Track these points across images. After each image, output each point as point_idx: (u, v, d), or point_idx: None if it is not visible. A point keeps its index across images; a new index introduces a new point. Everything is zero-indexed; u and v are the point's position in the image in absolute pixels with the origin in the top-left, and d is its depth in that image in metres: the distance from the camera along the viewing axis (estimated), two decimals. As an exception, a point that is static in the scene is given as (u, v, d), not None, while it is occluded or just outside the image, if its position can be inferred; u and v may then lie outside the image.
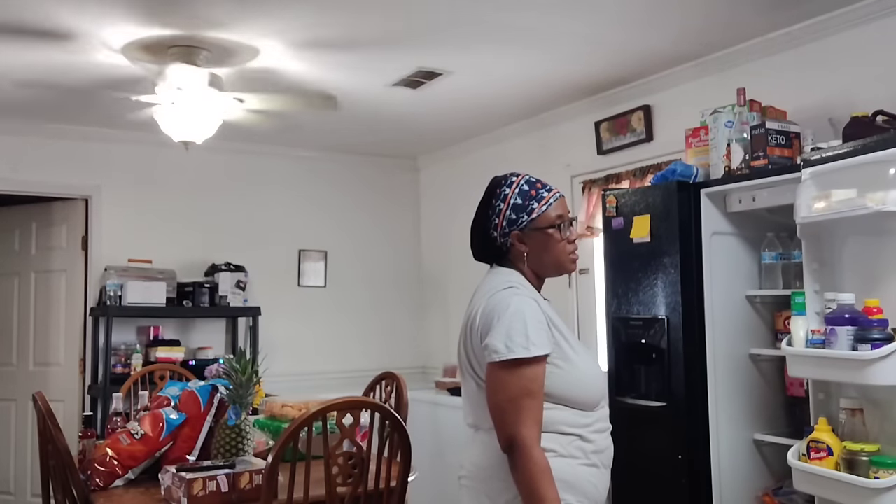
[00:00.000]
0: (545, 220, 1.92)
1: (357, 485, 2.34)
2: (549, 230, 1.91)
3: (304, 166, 5.87)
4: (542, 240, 1.91)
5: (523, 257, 1.92)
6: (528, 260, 1.92)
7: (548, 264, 1.94)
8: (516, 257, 1.93)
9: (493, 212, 1.94)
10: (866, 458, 2.36)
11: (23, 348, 5.33)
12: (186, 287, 5.17)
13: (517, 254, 1.92)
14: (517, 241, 1.91)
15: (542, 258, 1.92)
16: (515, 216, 1.91)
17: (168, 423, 2.76)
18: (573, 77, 4.21)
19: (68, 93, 4.27)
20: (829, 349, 2.45)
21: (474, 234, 2.00)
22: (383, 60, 3.89)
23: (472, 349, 1.88)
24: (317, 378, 5.52)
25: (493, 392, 1.78)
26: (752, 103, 3.30)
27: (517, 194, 1.94)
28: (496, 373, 1.77)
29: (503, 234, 1.92)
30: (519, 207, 1.92)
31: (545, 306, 1.89)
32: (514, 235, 1.91)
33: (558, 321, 1.88)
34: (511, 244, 1.92)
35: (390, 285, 6.14)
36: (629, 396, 3.50)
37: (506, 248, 1.93)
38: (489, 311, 1.83)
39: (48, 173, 5.04)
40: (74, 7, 3.17)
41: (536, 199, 1.93)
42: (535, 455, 1.72)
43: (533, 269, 1.94)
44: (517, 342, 1.75)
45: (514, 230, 1.91)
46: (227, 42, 3.57)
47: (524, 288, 1.89)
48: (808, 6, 3.27)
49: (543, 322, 1.82)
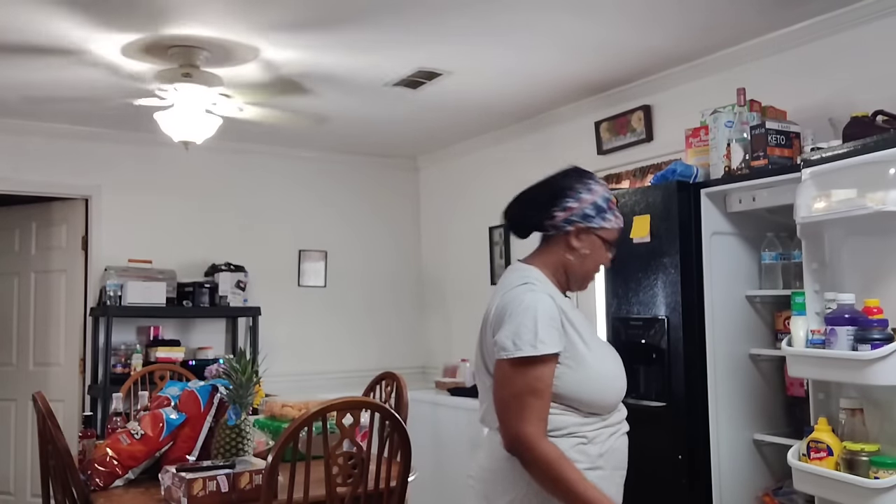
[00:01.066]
0: (608, 234, 1.94)
1: (357, 485, 2.34)
2: (605, 244, 1.94)
3: (304, 166, 5.87)
4: (594, 248, 1.93)
5: (569, 251, 1.91)
6: (571, 256, 1.92)
7: (580, 271, 1.94)
8: (561, 248, 1.93)
9: (568, 197, 1.91)
10: (866, 458, 2.36)
11: (23, 348, 5.33)
12: (186, 287, 5.17)
13: (566, 245, 1.92)
14: (575, 236, 1.91)
15: (583, 263, 1.93)
16: (592, 213, 1.90)
17: (168, 423, 2.76)
18: (573, 77, 4.21)
19: (69, 93, 4.27)
20: (829, 349, 2.45)
21: (523, 206, 1.98)
22: (383, 60, 3.89)
23: (486, 346, 1.88)
24: (317, 378, 5.52)
25: (498, 388, 1.79)
26: (752, 103, 3.30)
27: (603, 198, 1.93)
28: (503, 369, 1.77)
29: (567, 220, 1.90)
30: (599, 209, 1.92)
31: (563, 302, 1.87)
32: (578, 228, 1.90)
33: (577, 319, 1.86)
34: (566, 233, 1.91)
35: (390, 285, 6.14)
36: (629, 396, 3.47)
37: (553, 234, 1.93)
38: (502, 307, 1.83)
39: (48, 173, 5.04)
40: (75, 20, 3.17)
41: (612, 214, 1.94)
42: (542, 447, 1.72)
43: (564, 268, 1.93)
44: (525, 339, 1.74)
45: (580, 224, 1.90)
46: (227, 42, 3.57)
47: (541, 284, 1.88)
48: (808, 6, 3.27)
49: (556, 319, 1.80)
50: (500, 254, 5.40)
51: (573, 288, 1.97)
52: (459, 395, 4.83)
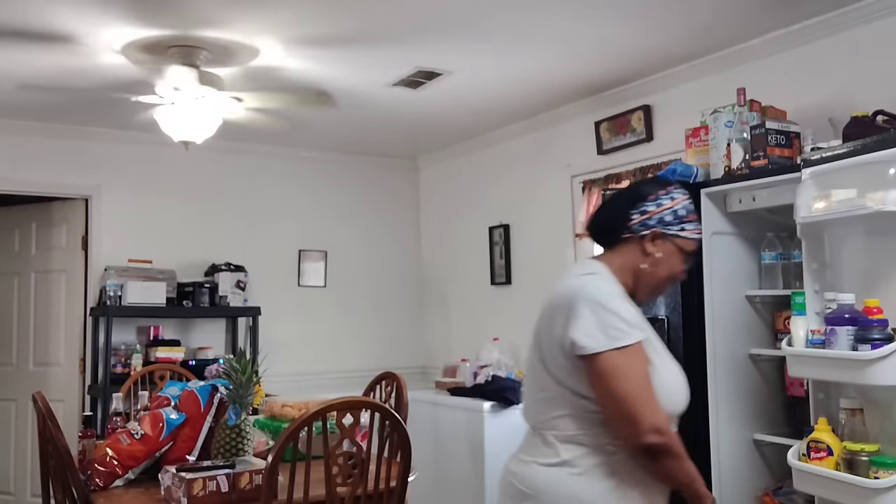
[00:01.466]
0: (685, 244, 1.88)
1: (357, 485, 2.34)
2: (681, 254, 1.88)
3: (304, 166, 5.87)
4: (669, 256, 1.87)
5: (643, 256, 1.85)
6: (644, 263, 1.85)
7: (652, 279, 1.87)
8: (635, 252, 1.86)
9: (647, 201, 1.86)
10: (866, 458, 2.36)
11: (23, 348, 5.33)
12: (186, 287, 5.17)
13: (640, 250, 1.86)
14: (651, 240, 1.85)
15: (655, 270, 1.86)
16: (671, 220, 1.85)
17: (168, 423, 2.76)
18: (573, 77, 4.21)
19: (69, 93, 4.27)
20: (829, 349, 2.45)
21: (605, 211, 1.95)
22: (383, 60, 3.89)
23: (546, 339, 1.79)
24: (317, 378, 5.52)
25: (606, 389, 1.67)
26: (752, 103, 3.30)
27: (685, 206, 1.88)
28: (603, 366, 1.67)
29: (643, 224, 1.85)
30: (679, 216, 1.86)
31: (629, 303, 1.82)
32: (654, 233, 1.85)
33: (642, 321, 1.80)
34: (642, 237, 1.85)
35: (390, 285, 6.14)
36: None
37: (628, 237, 1.87)
38: (569, 297, 1.75)
39: (48, 173, 5.04)
40: (75, 8, 3.17)
41: (692, 224, 1.89)
42: (673, 435, 1.70)
43: (635, 274, 1.86)
44: (618, 327, 1.69)
45: (658, 228, 1.85)
46: (227, 42, 3.58)
47: (607, 276, 1.82)
48: (808, 6, 3.27)
49: (629, 306, 1.77)
50: (500, 254, 5.40)
51: (641, 297, 1.89)
52: (459, 395, 4.83)
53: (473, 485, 4.59)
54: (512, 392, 4.57)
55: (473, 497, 4.59)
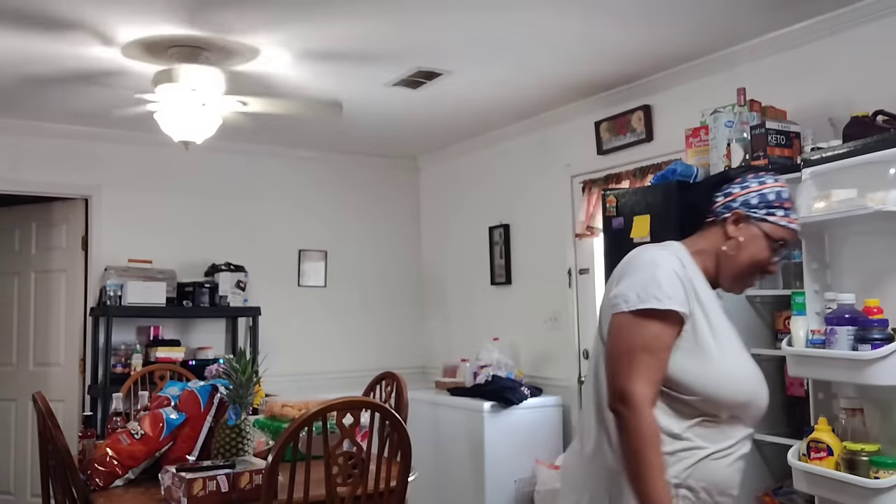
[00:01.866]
0: (773, 230, 1.75)
1: (357, 485, 2.34)
2: (767, 240, 1.75)
3: (304, 166, 5.87)
4: (752, 240, 1.74)
5: (724, 238, 1.75)
6: (725, 245, 1.75)
7: (733, 265, 1.75)
8: (716, 234, 1.77)
9: (735, 183, 1.78)
10: (866, 458, 2.36)
11: (23, 348, 5.33)
12: (186, 287, 5.17)
13: (721, 232, 1.76)
14: (733, 222, 1.75)
15: (736, 254, 1.74)
16: (756, 202, 1.75)
17: (168, 423, 2.76)
18: (573, 77, 4.21)
19: (70, 93, 4.27)
20: (829, 349, 2.45)
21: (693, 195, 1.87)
22: (383, 60, 3.89)
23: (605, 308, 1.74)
24: (317, 378, 5.52)
25: (613, 343, 1.64)
26: (752, 103, 3.30)
27: (775, 191, 1.76)
28: (621, 323, 1.63)
29: (726, 206, 1.76)
30: (766, 200, 1.75)
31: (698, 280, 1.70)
32: (737, 215, 1.75)
33: (711, 304, 1.69)
34: (724, 219, 1.76)
35: (390, 285, 6.14)
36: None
37: (712, 220, 1.78)
38: (626, 262, 1.71)
39: (48, 173, 5.04)
40: (75, 8, 3.17)
41: (783, 210, 1.76)
42: (646, 415, 1.56)
43: (716, 258, 1.76)
44: (650, 292, 1.61)
45: (741, 210, 1.74)
46: (227, 42, 3.57)
47: (678, 253, 1.72)
48: (808, 6, 3.27)
49: (684, 282, 1.65)
50: (500, 254, 5.40)
51: (724, 284, 1.78)
52: (459, 395, 4.83)
53: (473, 485, 4.59)
54: (512, 392, 4.57)
55: (473, 497, 4.59)
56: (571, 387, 4.72)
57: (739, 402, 1.65)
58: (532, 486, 4.48)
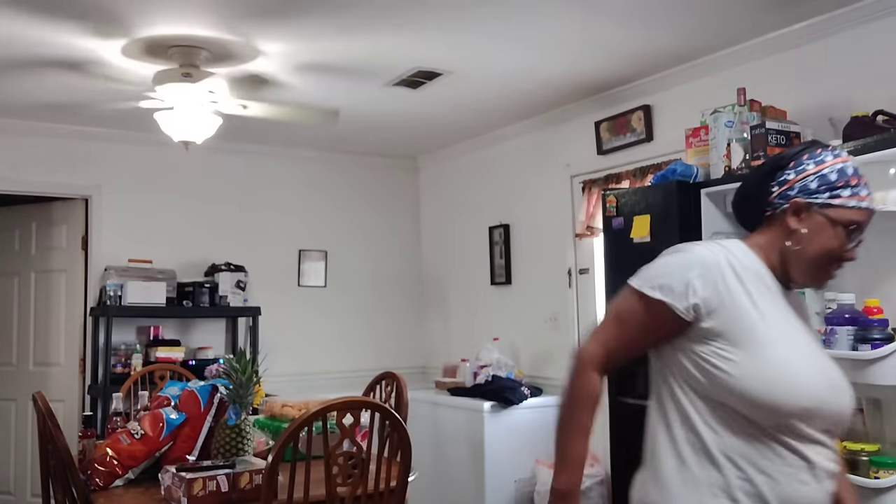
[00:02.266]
0: (840, 214, 1.52)
1: (357, 485, 2.34)
2: (836, 227, 1.52)
3: (304, 166, 5.87)
4: (820, 232, 1.52)
5: (786, 233, 1.55)
6: (788, 240, 1.54)
7: (802, 259, 1.54)
8: (778, 230, 1.56)
9: (787, 168, 1.57)
10: (866, 458, 2.36)
11: (23, 348, 5.33)
12: (186, 287, 5.17)
13: (783, 227, 1.55)
14: (793, 213, 1.54)
15: (803, 249, 1.53)
16: (815, 187, 1.53)
17: (168, 423, 2.76)
18: (573, 77, 4.21)
19: (69, 93, 4.27)
20: (829, 349, 2.46)
21: (744, 187, 1.67)
22: (383, 60, 3.89)
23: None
24: (317, 378, 5.52)
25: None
26: (752, 103, 3.30)
27: (836, 168, 1.53)
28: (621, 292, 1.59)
29: (783, 196, 1.55)
30: (827, 181, 1.53)
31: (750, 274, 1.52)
32: (796, 203, 1.53)
33: (761, 294, 1.50)
34: (783, 211, 1.55)
35: (390, 285, 6.14)
36: (629, 396, 3.49)
37: (770, 213, 1.58)
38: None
39: (48, 173, 5.04)
40: (75, 8, 3.17)
41: (849, 189, 1.52)
42: (587, 375, 1.53)
43: (781, 254, 1.56)
44: (647, 275, 1.55)
45: (800, 198, 1.53)
46: (227, 42, 3.57)
47: (729, 247, 1.56)
48: (808, 6, 3.27)
49: (705, 275, 1.49)
50: (500, 254, 5.40)
51: (797, 280, 1.57)
52: (459, 395, 4.83)
53: (473, 485, 4.59)
54: (512, 392, 4.58)
55: (473, 497, 4.59)
56: (571, 387, 4.71)
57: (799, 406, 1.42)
58: (532, 486, 4.48)
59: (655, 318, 1.51)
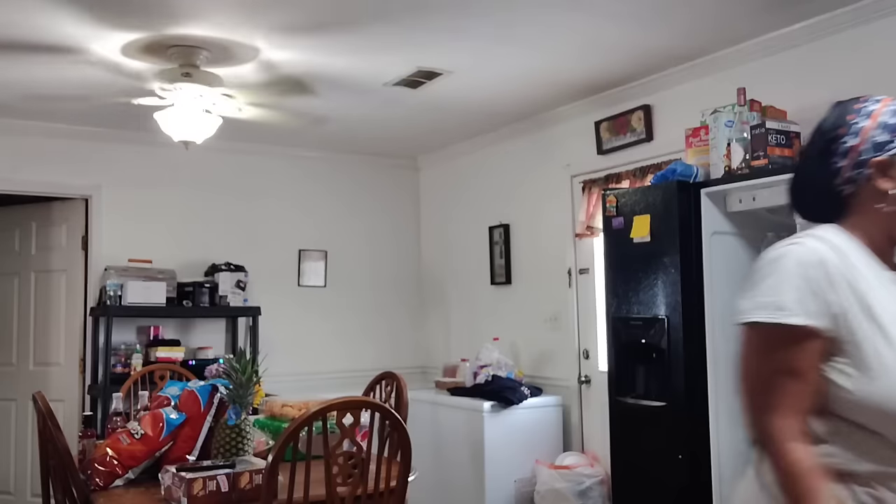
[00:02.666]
0: None
1: (357, 485, 2.34)
2: None
3: (304, 166, 5.87)
4: None
5: (880, 198, 1.37)
6: (885, 204, 1.37)
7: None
8: (868, 202, 1.39)
9: (847, 135, 1.40)
10: None
11: (23, 348, 5.33)
12: (186, 287, 5.17)
13: (872, 195, 1.38)
14: (879, 173, 1.37)
15: None
16: (887, 138, 1.37)
17: (168, 423, 2.76)
18: (573, 77, 4.21)
19: (70, 92, 4.27)
20: None
21: (799, 177, 1.50)
22: (383, 60, 3.89)
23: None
24: (317, 378, 5.52)
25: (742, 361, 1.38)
26: (752, 103, 3.30)
27: (890, 112, 1.39)
28: (744, 338, 1.36)
29: (856, 164, 1.38)
30: (891, 128, 1.38)
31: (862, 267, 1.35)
32: (878, 163, 1.37)
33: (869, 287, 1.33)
34: (868, 179, 1.38)
35: (390, 285, 6.14)
36: (629, 396, 3.50)
37: (852, 189, 1.40)
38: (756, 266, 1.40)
39: (48, 173, 5.04)
40: (75, 8, 3.17)
41: None
42: (790, 452, 1.29)
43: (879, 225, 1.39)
44: (763, 301, 1.32)
45: (877, 157, 1.37)
46: (227, 42, 3.57)
47: (826, 237, 1.38)
48: (808, 6, 3.27)
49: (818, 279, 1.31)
50: (500, 254, 5.40)
51: None
52: (459, 395, 4.83)
53: (473, 485, 4.59)
54: (512, 392, 4.58)
55: (473, 497, 4.59)
56: (571, 387, 4.72)
57: None
58: (532, 486, 4.48)
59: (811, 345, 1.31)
